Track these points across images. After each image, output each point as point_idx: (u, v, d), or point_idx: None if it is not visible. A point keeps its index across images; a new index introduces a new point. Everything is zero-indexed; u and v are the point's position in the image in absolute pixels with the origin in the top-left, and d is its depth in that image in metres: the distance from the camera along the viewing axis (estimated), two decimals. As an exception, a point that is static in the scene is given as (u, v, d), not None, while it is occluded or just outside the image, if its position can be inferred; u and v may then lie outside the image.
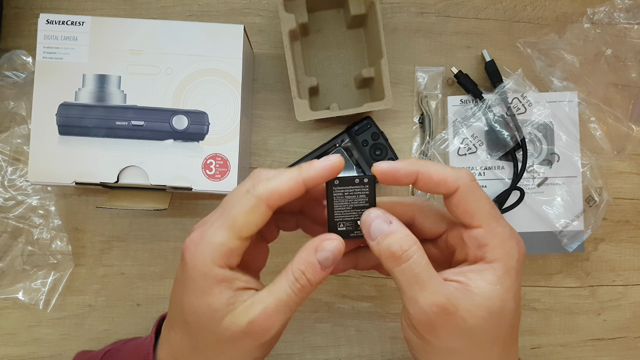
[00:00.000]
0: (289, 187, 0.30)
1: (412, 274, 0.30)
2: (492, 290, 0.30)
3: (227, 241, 0.30)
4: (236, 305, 0.30)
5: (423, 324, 0.30)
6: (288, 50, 0.46)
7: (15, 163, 0.50)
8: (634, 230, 0.52)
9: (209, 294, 0.30)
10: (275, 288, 0.31)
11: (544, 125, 0.50)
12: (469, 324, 0.30)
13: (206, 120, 0.44)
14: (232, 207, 0.30)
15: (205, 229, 0.31)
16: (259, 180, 0.31)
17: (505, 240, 0.32)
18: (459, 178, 0.31)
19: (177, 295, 0.32)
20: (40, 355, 0.50)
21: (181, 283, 0.31)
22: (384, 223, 0.31)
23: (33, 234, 0.50)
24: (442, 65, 0.52)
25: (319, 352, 0.51)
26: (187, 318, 0.31)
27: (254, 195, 0.30)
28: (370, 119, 0.50)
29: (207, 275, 0.30)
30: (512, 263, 0.31)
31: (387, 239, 0.30)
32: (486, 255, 0.31)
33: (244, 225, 0.30)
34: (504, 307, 0.31)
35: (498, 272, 0.31)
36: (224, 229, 0.30)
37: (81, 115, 0.43)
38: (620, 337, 0.52)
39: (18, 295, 0.50)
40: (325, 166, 0.31)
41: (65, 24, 0.44)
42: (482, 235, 0.32)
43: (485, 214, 0.32)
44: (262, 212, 0.30)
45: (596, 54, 0.51)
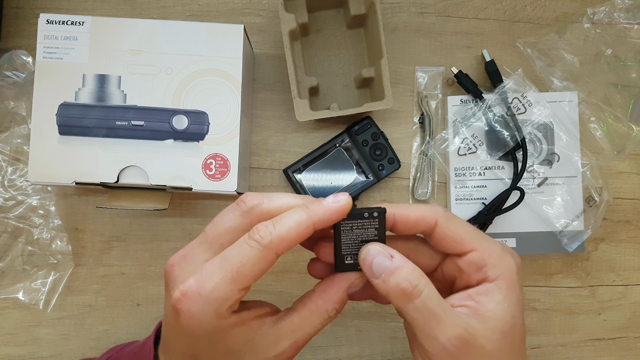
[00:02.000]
0: (298, 233, 0.28)
1: (426, 311, 0.29)
2: (502, 309, 0.30)
3: (231, 295, 0.28)
4: (256, 340, 0.30)
5: (442, 355, 0.29)
6: (288, 50, 0.46)
7: (15, 163, 0.50)
8: (634, 230, 0.52)
9: (223, 342, 0.29)
10: (304, 324, 0.30)
11: (544, 125, 0.50)
12: (487, 349, 0.30)
13: (206, 120, 0.44)
14: (234, 255, 0.28)
15: (202, 280, 0.28)
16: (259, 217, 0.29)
17: (501, 256, 0.32)
18: (435, 212, 0.32)
19: (181, 345, 0.30)
20: (41, 355, 0.50)
21: (184, 336, 0.29)
22: (386, 259, 0.30)
23: (33, 234, 0.50)
24: (442, 65, 0.52)
25: (319, 352, 0.51)
26: (199, 355, 0.30)
27: (261, 244, 0.28)
28: (370, 119, 0.50)
29: (216, 330, 0.29)
30: (513, 277, 0.31)
31: (393, 276, 0.29)
32: (488, 275, 0.31)
33: (249, 277, 0.28)
34: (515, 323, 0.31)
35: (503, 290, 0.31)
36: (227, 282, 0.28)
37: (81, 115, 0.43)
38: (620, 337, 0.52)
39: (18, 295, 0.50)
40: (338, 209, 0.29)
41: (65, 24, 0.44)
42: (478, 257, 0.31)
43: (473, 236, 0.32)
44: (270, 261, 0.28)
45: (596, 54, 0.51)
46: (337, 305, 0.31)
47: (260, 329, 0.30)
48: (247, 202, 0.30)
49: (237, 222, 0.30)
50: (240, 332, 0.29)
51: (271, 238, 0.28)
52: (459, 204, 0.50)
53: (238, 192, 0.44)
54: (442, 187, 0.52)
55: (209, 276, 0.28)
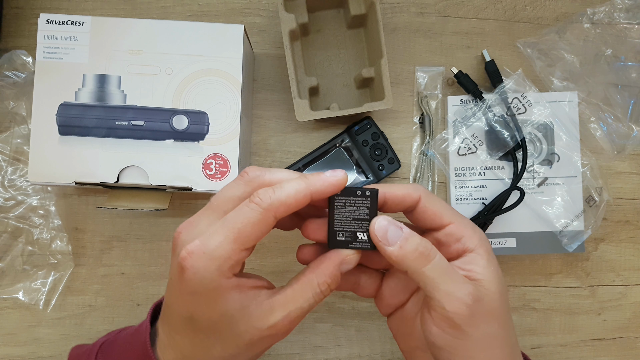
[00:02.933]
0: (297, 199, 0.30)
1: (442, 269, 0.31)
2: (490, 272, 0.33)
3: (233, 254, 0.29)
4: (251, 309, 0.31)
5: (464, 316, 0.31)
6: (288, 50, 0.46)
7: (15, 163, 0.50)
8: (634, 230, 0.52)
9: (221, 303, 0.30)
10: (297, 296, 0.32)
11: (544, 125, 0.50)
12: (493, 306, 0.32)
13: (206, 120, 0.44)
14: (235, 217, 0.30)
15: (205, 239, 0.30)
16: (260, 186, 0.31)
17: (474, 229, 0.35)
18: (417, 188, 0.35)
19: (181, 304, 0.32)
20: (41, 355, 0.50)
21: (185, 294, 0.31)
22: (398, 229, 0.32)
23: (33, 234, 0.50)
24: (442, 65, 0.52)
25: (319, 352, 0.51)
26: (198, 325, 0.31)
27: (261, 207, 0.30)
28: (370, 119, 0.50)
29: (216, 288, 0.30)
30: (487, 245, 0.35)
31: (409, 242, 0.31)
32: (467, 245, 0.34)
33: (250, 238, 0.30)
34: (502, 283, 0.34)
35: (484, 257, 0.34)
36: (229, 242, 0.29)
37: (81, 115, 0.43)
38: (621, 337, 0.52)
39: (18, 295, 0.50)
40: (335, 182, 0.31)
41: (65, 24, 0.44)
42: (456, 229, 0.34)
43: (449, 211, 0.35)
44: (269, 223, 0.30)
45: (596, 54, 0.51)
46: (328, 280, 0.32)
47: (256, 298, 0.31)
48: (250, 173, 0.32)
49: (240, 191, 0.32)
50: (237, 297, 0.31)
51: (270, 201, 0.30)
52: (459, 204, 0.50)
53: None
54: (442, 187, 0.52)
55: (212, 236, 0.30)
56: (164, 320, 0.35)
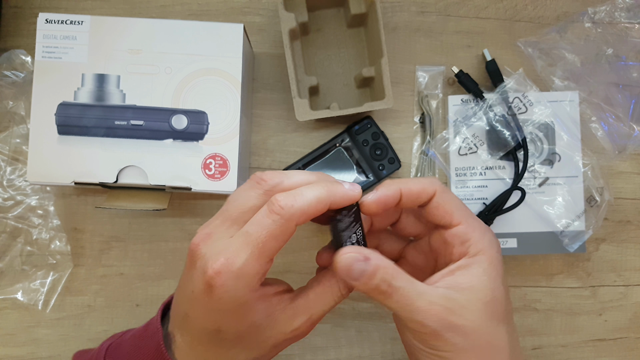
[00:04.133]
0: (317, 209, 0.30)
1: (404, 301, 0.31)
2: (481, 282, 0.32)
3: (260, 269, 0.30)
4: (276, 315, 0.32)
5: (427, 335, 0.31)
6: (288, 49, 0.46)
7: (14, 163, 0.50)
8: (635, 231, 0.52)
9: (249, 316, 0.31)
10: (319, 300, 0.33)
11: (545, 125, 0.50)
12: (468, 319, 0.31)
13: (206, 120, 0.44)
14: (258, 230, 0.30)
15: (232, 258, 0.29)
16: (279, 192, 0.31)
17: (484, 233, 0.34)
18: (433, 182, 0.34)
19: (207, 319, 0.31)
20: (39, 355, 0.50)
21: (213, 311, 0.31)
22: (361, 263, 0.31)
23: (32, 234, 0.50)
24: (442, 65, 0.51)
25: (319, 353, 0.51)
26: (225, 337, 0.32)
27: (284, 218, 0.29)
28: (370, 119, 0.50)
29: (246, 302, 0.30)
30: (493, 253, 0.34)
31: (372, 280, 0.31)
32: (469, 249, 0.33)
33: (273, 250, 0.30)
34: (495, 295, 0.32)
35: (483, 264, 0.33)
36: (255, 258, 0.29)
37: (80, 115, 0.43)
38: (622, 337, 0.52)
39: (17, 295, 0.50)
40: (352, 196, 0.31)
41: (64, 23, 0.44)
42: (464, 230, 0.34)
43: (462, 211, 0.34)
44: (290, 233, 0.30)
45: (597, 54, 0.51)
46: (348, 284, 0.33)
47: (280, 304, 0.32)
48: (269, 180, 0.32)
49: (261, 200, 0.31)
50: (263, 307, 0.31)
51: (293, 211, 0.29)
52: (460, 204, 0.50)
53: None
54: (442, 187, 0.52)
55: (238, 254, 0.29)
56: (183, 330, 0.34)
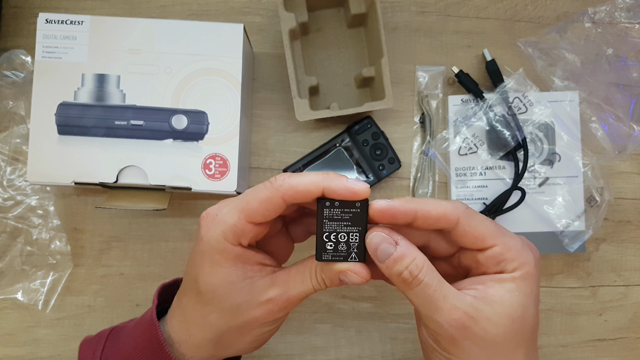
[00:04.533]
0: (307, 188, 0.31)
1: (425, 298, 0.30)
2: (512, 297, 0.31)
3: (237, 222, 0.31)
4: (254, 280, 0.33)
5: (444, 338, 0.31)
6: (288, 49, 0.46)
7: (14, 163, 0.50)
8: (636, 231, 0.52)
9: (224, 266, 0.32)
10: (299, 280, 0.33)
11: (545, 125, 0.50)
12: (490, 333, 0.30)
13: (206, 120, 0.44)
14: (249, 192, 0.32)
15: (221, 207, 0.33)
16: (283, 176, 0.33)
17: (520, 250, 0.32)
18: (456, 209, 0.32)
19: (192, 266, 0.34)
20: (39, 355, 0.50)
21: (196, 255, 0.33)
22: (390, 245, 0.31)
23: (32, 234, 0.50)
24: (442, 65, 0.51)
25: (319, 353, 0.51)
26: (200, 288, 0.33)
27: (272, 186, 0.31)
28: (370, 119, 0.50)
29: (221, 251, 0.32)
30: (529, 269, 0.32)
31: (396, 265, 0.30)
32: (505, 268, 0.32)
33: (255, 211, 0.31)
34: (525, 313, 0.31)
35: (517, 280, 0.32)
36: (237, 211, 0.32)
37: (80, 115, 0.43)
38: (622, 337, 0.52)
39: (17, 295, 0.49)
40: (353, 190, 0.30)
41: (64, 23, 0.44)
42: (498, 252, 0.32)
43: (494, 232, 0.32)
44: (275, 203, 0.31)
45: (597, 54, 0.51)
46: (328, 282, 0.33)
47: (260, 272, 0.33)
48: (279, 180, 0.32)
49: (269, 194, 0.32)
50: (241, 267, 0.32)
51: (282, 183, 0.31)
52: (460, 204, 0.50)
53: (238, 192, 0.44)
54: (442, 187, 0.52)
55: (225, 204, 0.33)
56: (180, 290, 0.36)
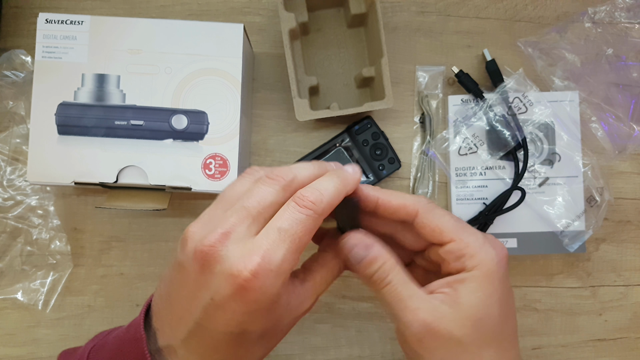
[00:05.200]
0: (339, 200, 0.31)
1: (394, 297, 0.32)
2: (474, 298, 0.32)
3: (295, 264, 0.30)
4: (291, 301, 0.32)
5: (411, 339, 0.32)
6: (288, 49, 0.46)
7: (14, 163, 0.50)
8: (636, 231, 0.52)
9: (278, 310, 0.30)
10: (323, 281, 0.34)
11: (545, 124, 0.50)
12: (456, 335, 0.31)
13: (206, 120, 0.44)
14: (293, 226, 0.29)
15: (268, 255, 0.28)
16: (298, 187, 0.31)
17: (480, 247, 0.33)
18: (417, 202, 0.34)
19: (233, 323, 0.29)
20: (39, 355, 0.50)
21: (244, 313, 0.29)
22: (363, 250, 0.33)
23: (32, 234, 0.50)
24: (442, 65, 0.51)
25: (319, 353, 0.51)
26: (249, 337, 0.30)
27: (317, 213, 0.30)
28: (370, 119, 0.50)
29: (279, 299, 0.30)
30: (490, 267, 0.32)
31: (368, 269, 0.32)
32: (465, 264, 0.33)
33: (307, 243, 0.30)
34: (489, 312, 0.32)
35: (478, 280, 0.32)
36: (292, 252, 0.29)
37: (80, 115, 0.43)
38: (622, 337, 0.52)
39: (17, 295, 0.49)
40: (358, 180, 0.33)
41: (64, 23, 0.44)
42: (456, 247, 0.33)
43: (451, 227, 0.33)
44: (319, 225, 0.31)
45: (597, 54, 0.51)
46: (344, 264, 0.35)
47: (294, 291, 0.32)
48: (284, 176, 0.31)
49: (280, 196, 0.31)
50: (284, 298, 0.31)
51: (324, 206, 0.30)
52: (460, 204, 0.50)
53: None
54: (442, 187, 0.52)
55: (273, 251, 0.28)
56: (192, 343, 0.31)
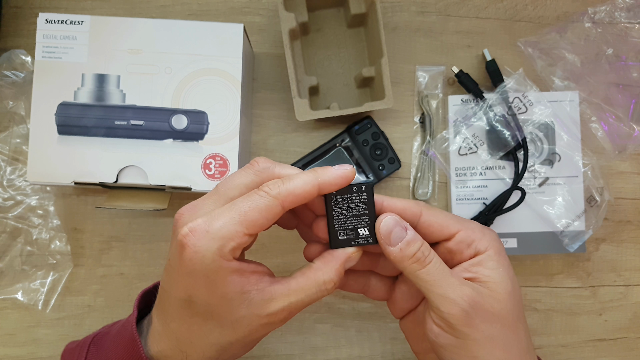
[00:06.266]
0: (305, 190, 0.31)
1: (437, 273, 0.32)
2: (498, 273, 0.34)
3: (236, 236, 0.29)
4: (252, 294, 0.31)
5: (458, 317, 0.32)
6: (288, 49, 0.46)
7: (15, 163, 0.50)
8: (635, 231, 0.52)
9: (221, 285, 0.30)
10: (300, 289, 0.32)
11: (545, 124, 0.50)
12: (496, 308, 0.33)
13: (206, 120, 0.44)
14: (243, 201, 0.30)
15: (209, 219, 0.29)
16: (269, 178, 0.32)
17: (482, 230, 0.35)
18: (417, 204, 0.35)
19: (179, 286, 0.31)
20: (39, 355, 0.50)
21: (184, 274, 0.30)
22: (402, 230, 0.33)
23: (32, 234, 0.50)
24: (442, 65, 0.51)
25: (319, 353, 0.51)
26: (196, 309, 0.31)
27: (271, 195, 0.30)
28: (370, 119, 0.50)
29: (217, 269, 0.29)
30: (498, 245, 0.35)
31: (409, 246, 0.33)
32: (478, 249, 0.34)
33: (255, 223, 0.30)
34: (514, 284, 0.34)
35: (494, 257, 0.34)
36: (234, 223, 0.29)
37: (80, 115, 0.43)
38: (622, 337, 0.52)
39: (17, 295, 0.49)
40: (342, 175, 0.32)
41: (64, 23, 0.44)
42: (465, 235, 0.35)
43: (454, 220, 0.35)
44: (275, 212, 0.31)
45: (597, 54, 0.51)
46: (335, 278, 0.33)
47: (257, 284, 0.31)
48: (261, 164, 0.33)
49: (248, 179, 0.32)
50: (238, 281, 0.30)
51: (279, 190, 0.30)
52: (460, 204, 0.50)
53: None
54: (442, 187, 0.52)
55: (217, 216, 0.30)
56: (159, 307, 0.34)
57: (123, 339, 0.35)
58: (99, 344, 0.37)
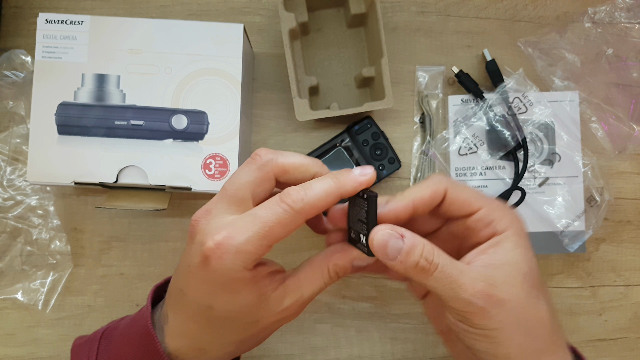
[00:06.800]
0: (327, 202, 0.31)
1: (446, 279, 0.31)
2: (515, 255, 0.32)
3: (260, 250, 0.30)
4: (267, 295, 0.32)
5: (474, 314, 0.31)
6: (288, 49, 0.46)
7: (14, 163, 0.50)
8: (636, 231, 0.52)
9: (242, 295, 0.31)
10: (309, 281, 0.33)
11: (545, 125, 0.50)
12: (511, 293, 0.31)
13: (206, 120, 0.44)
14: (267, 215, 0.30)
15: (234, 233, 0.30)
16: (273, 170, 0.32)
17: (504, 209, 0.34)
18: (441, 182, 0.34)
19: (201, 293, 0.32)
20: (39, 355, 0.50)
21: (206, 283, 0.31)
22: (398, 240, 0.31)
23: (32, 234, 0.50)
24: (442, 65, 0.51)
25: (319, 353, 0.51)
26: (216, 315, 0.32)
27: (294, 209, 0.30)
28: (370, 119, 0.50)
29: (239, 280, 0.31)
30: (519, 225, 0.34)
31: (410, 257, 0.30)
32: (496, 228, 0.33)
33: (278, 236, 0.30)
34: (531, 266, 0.33)
35: (513, 238, 0.33)
36: (259, 238, 0.30)
37: (80, 115, 0.43)
38: (622, 337, 0.52)
39: (17, 295, 0.49)
40: (364, 182, 0.32)
41: (64, 23, 0.44)
42: (486, 213, 0.33)
43: (477, 196, 0.34)
44: (298, 225, 0.31)
45: (597, 54, 0.51)
46: (340, 271, 0.34)
47: (271, 284, 0.32)
48: (263, 156, 0.33)
49: (254, 175, 0.32)
50: (256, 287, 0.31)
51: (303, 204, 0.30)
52: (460, 204, 0.50)
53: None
54: (442, 187, 0.51)
55: (241, 230, 0.30)
56: (177, 307, 0.34)
57: (136, 334, 0.35)
58: (110, 339, 0.37)
